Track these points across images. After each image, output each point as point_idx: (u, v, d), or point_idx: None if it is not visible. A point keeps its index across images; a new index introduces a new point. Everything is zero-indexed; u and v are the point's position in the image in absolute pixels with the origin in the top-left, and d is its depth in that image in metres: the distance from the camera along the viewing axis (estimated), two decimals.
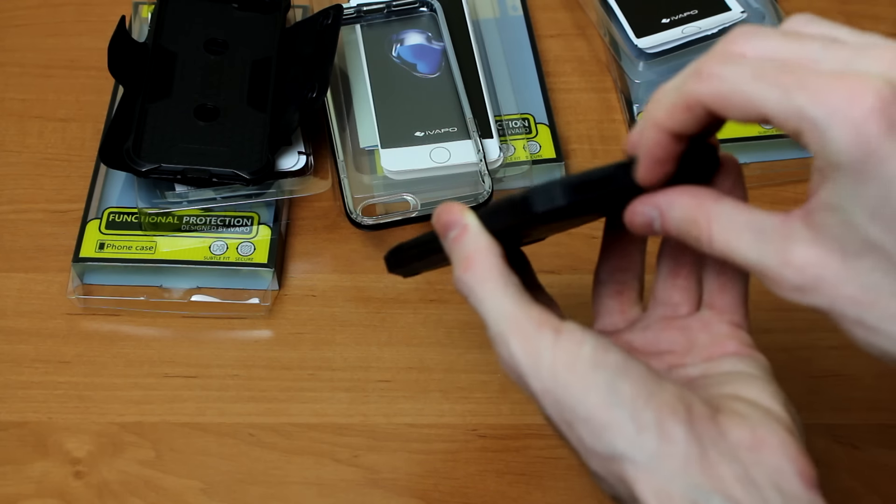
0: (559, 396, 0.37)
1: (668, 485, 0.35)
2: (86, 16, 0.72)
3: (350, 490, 0.54)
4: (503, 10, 0.71)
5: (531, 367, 0.38)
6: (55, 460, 0.54)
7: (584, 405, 0.37)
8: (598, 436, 0.36)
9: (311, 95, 0.61)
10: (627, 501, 0.37)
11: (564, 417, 0.37)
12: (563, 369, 0.37)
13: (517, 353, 0.38)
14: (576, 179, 0.38)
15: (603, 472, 0.37)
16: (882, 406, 0.57)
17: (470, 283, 0.40)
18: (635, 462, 0.36)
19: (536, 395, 0.38)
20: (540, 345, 0.38)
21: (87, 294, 0.60)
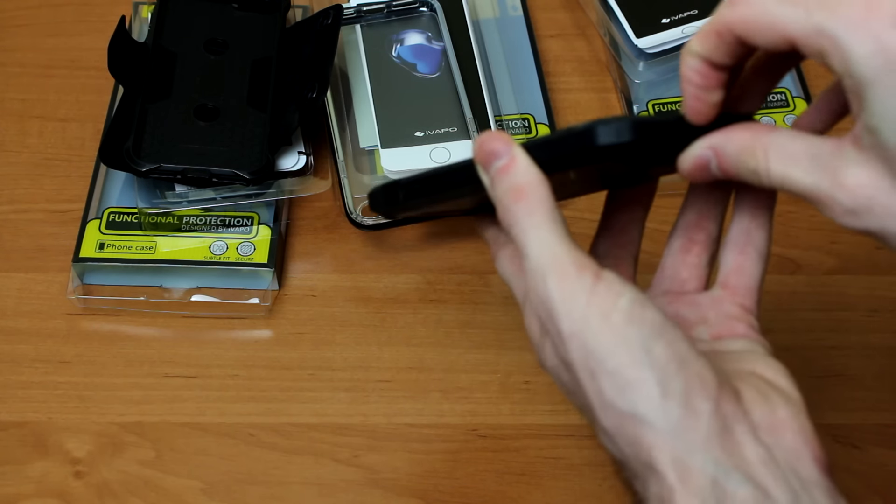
0: (588, 343, 0.36)
1: (688, 456, 0.35)
2: (86, 16, 0.72)
3: (350, 490, 0.54)
4: (503, 10, 0.71)
5: (565, 307, 0.36)
6: (55, 460, 0.54)
7: (613, 358, 0.36)
8: (620, 391, 0.35)
9: (311, 95, 0.61)
10: (632, 463, 0.36)
11: (589, 365, 0.36)
12: (598, 316, 0.36)
13: (553, 290, 0.37)
14: (645, 119, 0.38)
15: (615, 429, 0.36)
16: (882, 406, 0.57)
17: (519, 214, 0.38)
18: (655, 428, 0.35)
19: (563, 336, 0.37)
20: (577, 286, 0.36)
21: (87, 294, 0.60)
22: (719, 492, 0.34)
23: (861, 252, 0.62)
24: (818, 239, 0.62)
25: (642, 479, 0.36)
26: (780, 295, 0.60)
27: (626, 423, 0.36)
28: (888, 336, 0.59)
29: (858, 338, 0.59)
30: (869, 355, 0.59)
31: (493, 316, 0.60)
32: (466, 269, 0.61)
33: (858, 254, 0.62)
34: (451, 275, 0.61)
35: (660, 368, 0.35)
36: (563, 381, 0.39)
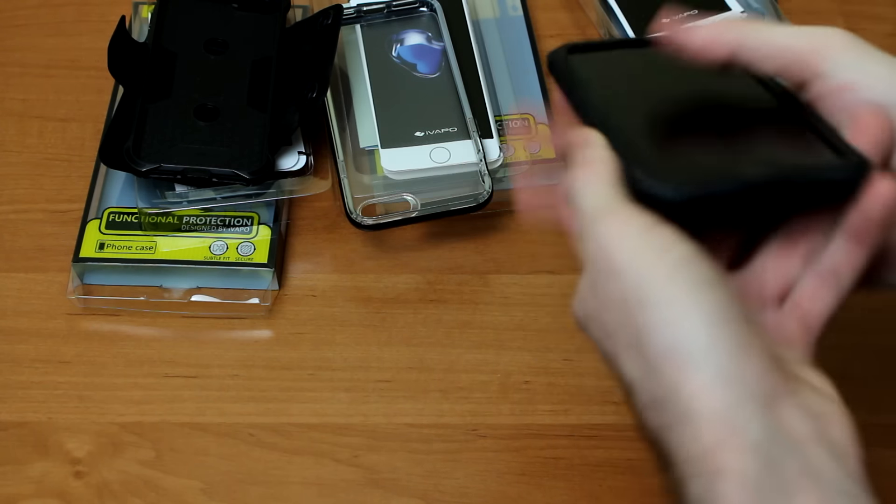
0: (641, 273, 0.35)
1: (734, 409, 0.33)
2: (86, 16, 0.72)
3: (350, 490, 0.54)
4: (503, 10, 0.71)
5: (619, 241, 0.35)
6: (55, 460, 0.54)
7: (663, 290, 0.34)
8: (667, 324, 0.34)
9: (311, 95, 0.61)
10: (668, 416, 0.34)
11: (639, 294, 0.34)
12: (653, 251, 0.35)
13: (609, 229, 0.36)
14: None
15: (655, 368, 0.34)
16: (882, 406, 0.57)
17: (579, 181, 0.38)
18: (699, 370, 0.33)
19: (615, 268, 0.35)
20: (634, 224, 0.35)
21: (87, 294, 0.60)
22: (765, 457, 0.33)
23: None
24: None
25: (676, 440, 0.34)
26: None
27: (672, 360, 0.34)
28: (888, 336, 0.59)
29: (858, 338, 0.59)
30: (869, 355, 0.59)
31: (493, 316, 0.60)
32: (466, 269, 0.61)
33: None
34: (451, 275, 0.61)
35: (707, 313, 0.34)
36: (603, 321, 0.37)
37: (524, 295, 0.60)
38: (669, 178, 0.36)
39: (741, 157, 0.39)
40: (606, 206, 0.36)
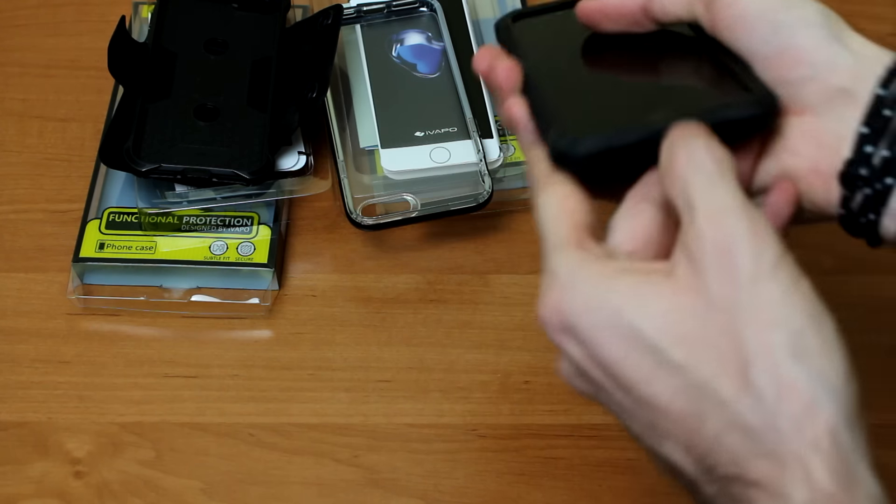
0: (773, 295, 0.34)
1: (855, 461, 0.32)
2: (86, 16, 0.72)
3: (350, 490, 0.54)
4: (503, 10, 0.71)
5: (755, 253, 0.34)
6: (55, 460, 0.54)
7: (799, 320, 0.34)
8: (803, 354, 0.33)
9: (311, 95, 0.61)
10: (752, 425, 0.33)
11: (769, 317, 0.33)
12: (788, 280, 0.34)
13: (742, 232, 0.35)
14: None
15: (768, 385, 0.33)
16: (882, 406, 0.57)
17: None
18: (827, 409, 0.33)
19: (741, 276, 0.34)
20: (770, 247, 0.35)
21: (87, 294, 0.60)
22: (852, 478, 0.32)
23: (861, 252, 0.61)
24: (818, 239, 0.62)
25: (769, 471, 0.33)
26: None
27: (797, 393, 0.33)
28: (888, 336, 0.59)
29: (858, 338, 0.59)
30: (869, 355, 0.58)
31: (493, 316, 0.60)
32: (466, 269, 0.61)
33: (858, 254, 0.62)
34: (451, 275, 0.61)
35: (846, 354, 0.34)
36: (681, 325, 0.35)
37: (524, 295, 0.60)
38: (577, 135, 0.38)
39: (653, 106, 0.40)
40: (741, 206, 0.35)
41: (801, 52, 0.39)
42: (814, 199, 0.40)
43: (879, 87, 0.38)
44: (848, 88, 0.38)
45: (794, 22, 0.39)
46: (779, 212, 0.40)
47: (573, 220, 0.38)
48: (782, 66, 0.39)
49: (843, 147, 0.39)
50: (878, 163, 0.38)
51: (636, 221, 0.38)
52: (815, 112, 0.39)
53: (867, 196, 0.38)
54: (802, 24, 0.39)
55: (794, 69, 0.39)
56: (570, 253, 0.37)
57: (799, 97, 0.40)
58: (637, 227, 0.38)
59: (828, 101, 0.39)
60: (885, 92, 0.38)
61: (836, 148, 0.39)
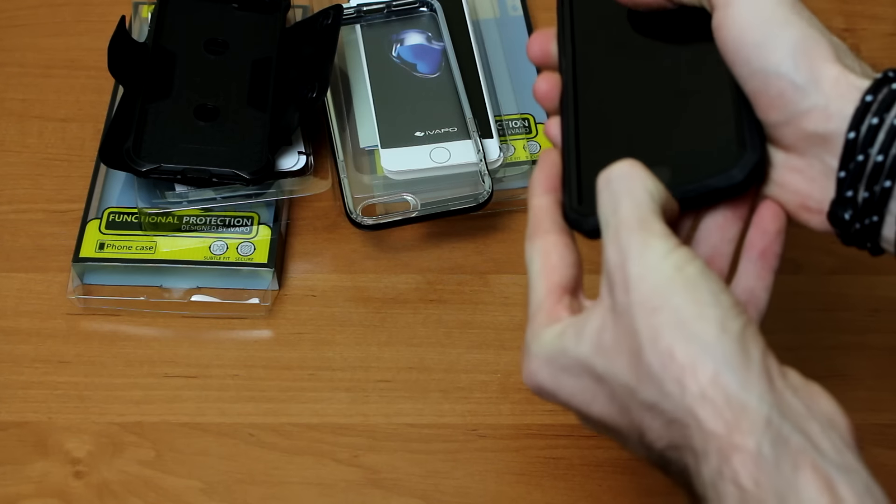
0: (657, 283, 0.36)
1: (743, 393, 0.35)
2: (86, 16, 0.72)
3: (350, 490, 0.54)
4: (503, 10, 0.71)
5: (641, 255, 0.37)
6: (55, 460, 0.54)
7: (680, 295, 0.36)
8: (681, 324, 0.36)
9: (311, 95, 0.61)
10: (670, 412, 0.36)
11: (652, 302, 0.36)
12: (672, 267, 0.37)
13: (635, 239, 0.38)
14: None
15: (661, 367, 0.36)
16: (882, 406, 0.57)
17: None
18: (712, 361, 0.35)
19: (630, 278, 0.37)
20: (660, 244, 0.37)
21: (87, 294, 0.60)
22: (773, 433, 0.34)
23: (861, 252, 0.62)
24: (818, 239, 0.62)
25: (680, 432, 0.36)
26: (780, 295, 0.60)
27: (677, 358, 0.36)
28: (888, 336, 0.59)
29: (858, 338, 0.59)
30: (869, 355, 0.59)
31: (493, 316, 0.60)
32: (466, 269, 0.61)
33: (858, 254, 0.61)
34: (451, 275, 0.61)
35: (723, 311, 0.36)
36: (602, 338, 0.38)
37: (524, 295, 0.60)
38: (585, 212, 0.41)
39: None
40: (638, 220, 0.38)
41: (773, 98, 0.40)
42: (811, 226, 0.42)
43: (850, 131, 0.38)
44: (822, 133, 0.39)
45: (766, 69, 0.39)
46: (766, 229, 0.42)
47: (551, 281, 0.41)
48: (761, 107, 0.40)
49: (827, 185, 0.40)
50: (861, 203, 0.39)
51: None
52: (797, 151, 0.40)
53: (857, 231, 0.40)
54: (773, 73, 0.39)
55: (770, 113, 0.40)
56: (540, 324, 0.40)
57: (781, 138, 0.41)
58: None
59: (805, 143, 0.40)
60: (854, 135, 0.38)
61: (821, 185, 0.40)
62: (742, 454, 0.34)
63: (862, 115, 0.38)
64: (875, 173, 0.38)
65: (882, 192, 0.38)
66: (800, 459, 0.34)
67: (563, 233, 0.42)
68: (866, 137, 0.38)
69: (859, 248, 0.41)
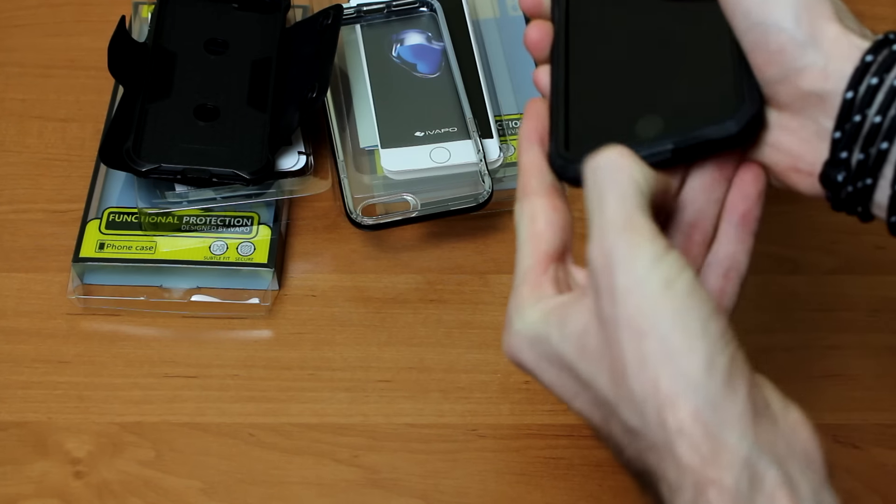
0: (644, 303, 0.35)
1: (722, 431, 0.34)
2: (86, 16, 0.72)
3: (350, 490, 0.54)
4: (503, 10, 0.71)
5: (627, 263, 0.36)
6: (55, 460, 0.54)
7: (668, 322, 0.35)
8: (668, 356, 0.35)
9: (311, 95, 0.61)
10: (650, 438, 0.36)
11: (639, 325, 0.35)
12: (660, 281, 0.36)
13: (621, 244, 0.36)
14: None
15: (644, 395, 0.35)
16: (882, 406, 0.57)
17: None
18: (694, 398, 0.35)
19: (616, 290, 0.36)
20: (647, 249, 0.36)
21: (87, 294, 0.60)
22: (751, 471, 0.34)
23: (861, 252, 0.62)
24: (818, 239, 0.62)
25: (656, 461, 0.36)
26: (780, 295, 0.60)
27: (661, 390, 0.35)
28: (888, 336, 0.59)
29: (858, 338, 0.59)
30: (869, 355, 0.59)
31: (493, 316, 0.60)
32: (466, 269, 0.61)
33: (858, 254, 0.62)
34: (451, 275, 0.61)
35: (711, 343, 0.35)
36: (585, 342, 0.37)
37: None
38: (572, 159, 0.40)
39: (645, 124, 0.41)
40: (624, 220, 0.37)
41: (771, 53, 0.39)
42: (799, 189, 0.41)
43: (847, 90, 0.38)
44: (818, 92, 0.39)
45: (767, 22, 0.39)
46: (746, 192, 0.42)
47: (537, 249, 0.40)
48: (757, 63, 0.40)
49: (820, 146, 0.39)
50: (854, 165, 0.38)
51: None
52: (791, 110, 0.40)
53: (850, 194, 0.39)
54: (774, 27, 0.39)
55: (766, 68, 0.39)
56: (524, 296, 0.39)
57: (775, 96, 0.40)
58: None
59: (801, 102, 0.39)
60: (852, 95, 0.38)
61: (814, 146, 0.39)
62: (718, 488, 0.34)
63: (861, 75, 0.38)
64: (871, 135, 0.37)
65: (878, 154, 0.37)
66: (776, 496, 0.34)
67: (552, 194, 0.41)
68: (864, 98, 0.37)
69: (849, 213, 0.40)
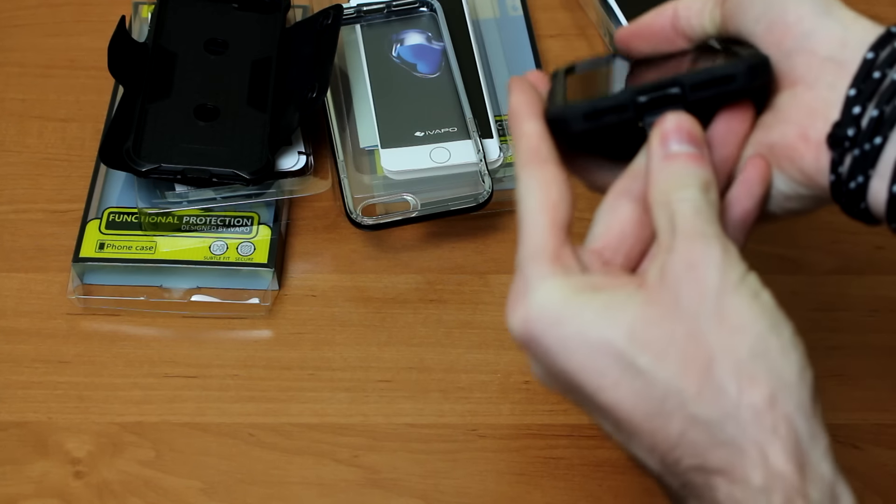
0: (738, 305, 0.36)
1: (809, 447, 0.35)
2: (86, 16, 0.72)
3: (350, 490, 0.54)
4: (503, 10, 0.71)
5: (720, 278, 0.36)
6: (55, 460, 0.54)
7: (763, 325, 0.36)
8: (765, 354, 0.35)
9: (311, 95, 0.61)
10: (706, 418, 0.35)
11: (733, 322, 0.36)
12: (749, 294, 0.36)
13: (713, 255, 0.37)
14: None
15: (730, 381, 0.35)
16: (882, 406, 0.57)
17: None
18: (785, 401, 0.35)
19: (707, 288, 0.36)
20: (734, 261, 0.37)
21: (87, 294, 0.60)
22: (832, 492, 0.35)
23: (861, 252, 0.62)
24: (818, 239, 0.62)
25: (728, 458, 0.35)
26: (780, 295, 0.60)
27: (758, 383, 0.35)
28: (888, 336, 0.59)
29: (858, 338, 0.59)
30: (869, 355, 0.59)
31: (492, 316, 0.60)
32: (466, 269, 0.61)
33: (858, 254, 0.62)
34: (451, 275, 0.61)
35: (801, 355, 0.36)
36: (643, 329, 0.36)
37: None
38: (574, 102, 0.40)
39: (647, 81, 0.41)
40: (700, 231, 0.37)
41: (789, 24, 0.40)
42: (803, 166, 0.40)
43: (869, 52, 0.38)
44: (835, 57, 0.39)
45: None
46: (751, 189, 0.41)
47: (553, 219, 0.39)
48: (772, 40, 0.40)
49: (831, 113, 0.39)
50: (866, 123, 0.38)
51: (613, 217, 0.40)
52: (805, 82, 0.40)
53: (856, 158, 0.38)
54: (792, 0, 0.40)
55: (783, 41, 0.40)
56: (545, 266, 0.38)
57: (789, 69, 0.40)
58: (613, 223, 0.40)
59: (817, 70, 0.39)
60: (873, 55, 0.38)
61: (825, 114, 0.39)
62: (805, 502, 0.34)
63: (885, 41, 0.38)
64: (889, 91, 0.37)
65: (893, 111, 0.37)
66: None
67: (563, 166, 0.40)
68: (887, 59, 0.38)
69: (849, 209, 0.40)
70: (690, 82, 0.39)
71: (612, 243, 0.40)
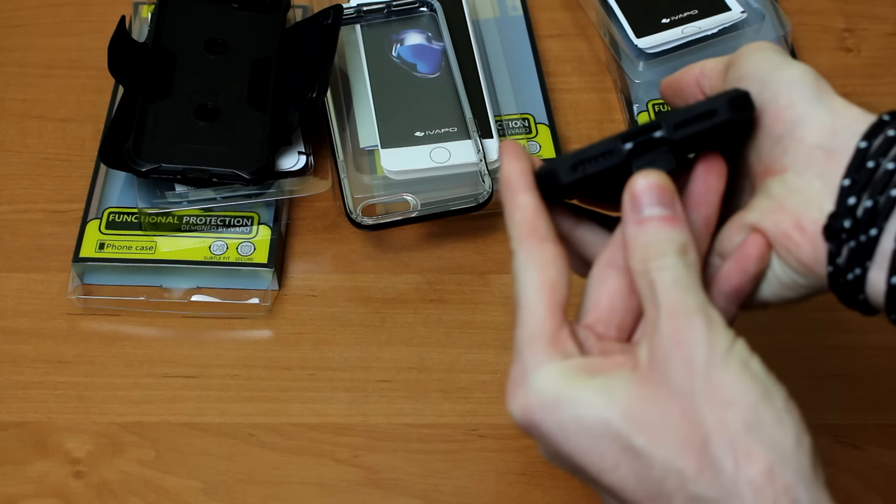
0: (727, 378, 0.36)
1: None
2: (86, 16, 0.72)
3: (350, 490, 0.54)
4: (503, 10, 0.71)
5: (714, 352, 0.36)
6: (55, 460, 0.54)
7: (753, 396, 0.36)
8: (759, 426, 0.35)
9: (311, 95, 0.61)
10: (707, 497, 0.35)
11: (724, 397, 0.35)
12: (738, 363, 0.36)
13: (694, 326, 0.36)
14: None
15: (727, 458, 0.35)
16: (883, 406, 0.57)
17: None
18: (784, 471, 0.35)
19: (696, 364, 0.36)
20: (725, 336, 0.37)
21: (87, 294, 0.60)
22: None
23: None
24: None
25: None
26: None
27: (755, 457, 0.35)
28: (888, 336, 0.59)
29: (858, 338, 0.59)
30: (869, 355, 0.59)
31: (493, 316, 0.60)
32: (466, 269, 0.61)
33: None
34: (451, 275, 0.61)
35: (796, 422, 0.36)
36: (640, 411, 0.37)
37: None
38: (555, 159, 0.40)
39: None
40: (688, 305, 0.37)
41: (781, 109, 0.40)
42: (800, 257, 0.40)
43: (862, 140, 0.38)
44: (825, 145, 0.39)
45: (779, 81, 0.40)
46: (746, 266, 0.41)
47: (551, 300, 0.38)
48: (765, 122, 0.40)
49: (825, 203, 0.39)
50: (861, 214, 0.38)
51: (602, 289, 0.41)
52: (794, 169, 0.40)
53: (852, 249, 0.38)
54: (785, 83, 0.40)
55: (775, 126, 0.40)
56: (543, 351, 0.38)
57: (780, 154, 0.40)
58: (602, 296, 0.41)
59: (807, 157, 0.39)
60: (867, 143, 0.38)
61: (819, 204, 0.39)
62: None
63: (878, 129, 0.38)
64: (883, 180, 0.37)
65: (887, 201, 0.37)
66: None
67: (560, 243, 0.40)
68: (881, 147, 0.38)
69: (847, 300, 0.40)
70: (673, 121, 0.39)
71: (603, 317, 0.40)
